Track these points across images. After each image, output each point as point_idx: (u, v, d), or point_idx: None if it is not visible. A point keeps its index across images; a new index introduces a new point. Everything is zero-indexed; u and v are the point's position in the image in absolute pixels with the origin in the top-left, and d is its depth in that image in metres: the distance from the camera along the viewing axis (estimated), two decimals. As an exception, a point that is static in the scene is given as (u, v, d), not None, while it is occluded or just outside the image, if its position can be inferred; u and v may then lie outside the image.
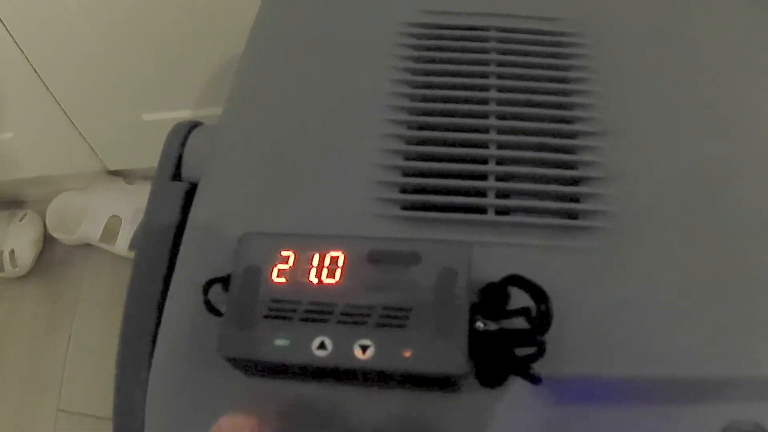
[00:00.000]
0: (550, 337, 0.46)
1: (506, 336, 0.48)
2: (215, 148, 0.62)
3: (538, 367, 0.46)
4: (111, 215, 1.37)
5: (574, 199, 0.58)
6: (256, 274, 0.49)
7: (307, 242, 0.50)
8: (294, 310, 0.48)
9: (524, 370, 0.46)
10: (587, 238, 0.55)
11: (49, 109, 1.21)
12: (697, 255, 0.54)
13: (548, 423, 0.49)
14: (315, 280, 0.48)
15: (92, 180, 1.42)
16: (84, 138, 1.28)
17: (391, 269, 0.48)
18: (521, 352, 0.47)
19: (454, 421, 0.49)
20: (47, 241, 1.46)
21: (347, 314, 0.47)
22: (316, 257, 0.49)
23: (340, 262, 0.49)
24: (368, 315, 0.47)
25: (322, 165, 0.60)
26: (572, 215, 0.57)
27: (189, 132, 0.66)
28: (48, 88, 1.17)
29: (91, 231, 1.37)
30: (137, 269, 0.59)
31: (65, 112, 1.23)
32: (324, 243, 0.50)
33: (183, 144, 0.65)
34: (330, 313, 0.47)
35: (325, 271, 0.49)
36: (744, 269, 0.54)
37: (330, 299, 0.48)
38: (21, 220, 1.43)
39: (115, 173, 1.42)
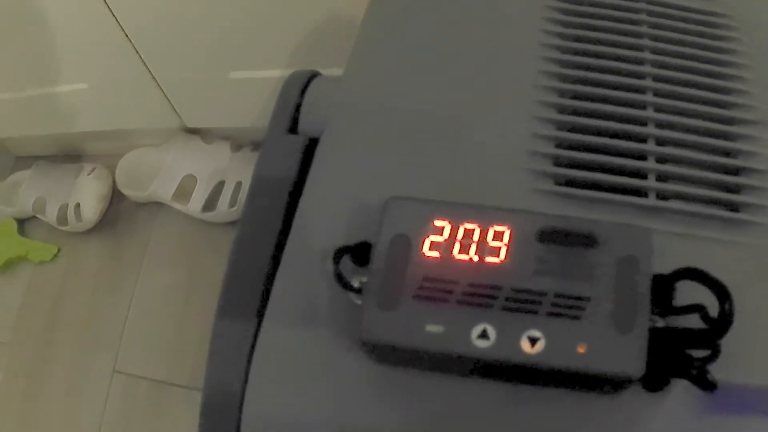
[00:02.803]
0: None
1: (681, 335, 0.42)
2: (341, 103, 0.57)
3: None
4: (186, 174, 1.31)
5: (735, 190, 0.53)
6: (405, 246, 0.43)
7: (466, 212, 0.43)
8: (450, 291, 0.41)
9: (699, 374, 0.40)
10: (748, 233, 0.50)
11: (128, 60, 1.16)
12: None
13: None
14: (476, 258, 0.42)
15: (167, 137, 1.36)
16: (163, 92, 1.23)
17: (564, 251, 0.42)
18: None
19: (609, 427, 0.44)
20: (115, 197, 1.42)
21: (514, 300, 0.41)
22: (477, 231, 0.43)
23: (506, 239, 0.42)
24: (539, 302, 0.40)
25: (467, 128, 0.55)
26: (733, 207, 0.52)
27: (308, 82, 0.60)
28: (128, 37, 1.11)
29: (164, 189, 1.32)
30: (247, 225, 0.54)
31: (145, 64, 1.17)
32: (486, 215, 0.43)
33: (302, 94, 0.59)
34: (493, 297, 0.41)
35: (487, 248, 0.42)
36: None
37: (493, 281, 0.41)
38: (89, 174, 1.39)
39: (193, 131, 1.37)
